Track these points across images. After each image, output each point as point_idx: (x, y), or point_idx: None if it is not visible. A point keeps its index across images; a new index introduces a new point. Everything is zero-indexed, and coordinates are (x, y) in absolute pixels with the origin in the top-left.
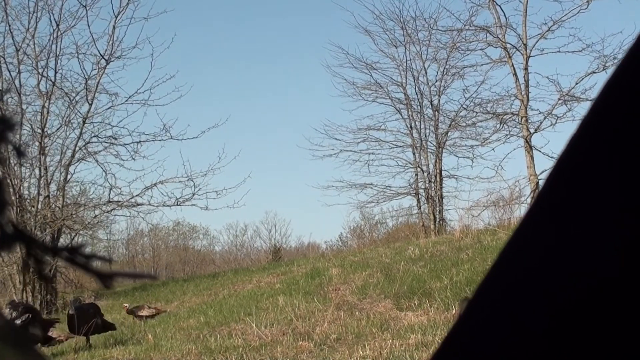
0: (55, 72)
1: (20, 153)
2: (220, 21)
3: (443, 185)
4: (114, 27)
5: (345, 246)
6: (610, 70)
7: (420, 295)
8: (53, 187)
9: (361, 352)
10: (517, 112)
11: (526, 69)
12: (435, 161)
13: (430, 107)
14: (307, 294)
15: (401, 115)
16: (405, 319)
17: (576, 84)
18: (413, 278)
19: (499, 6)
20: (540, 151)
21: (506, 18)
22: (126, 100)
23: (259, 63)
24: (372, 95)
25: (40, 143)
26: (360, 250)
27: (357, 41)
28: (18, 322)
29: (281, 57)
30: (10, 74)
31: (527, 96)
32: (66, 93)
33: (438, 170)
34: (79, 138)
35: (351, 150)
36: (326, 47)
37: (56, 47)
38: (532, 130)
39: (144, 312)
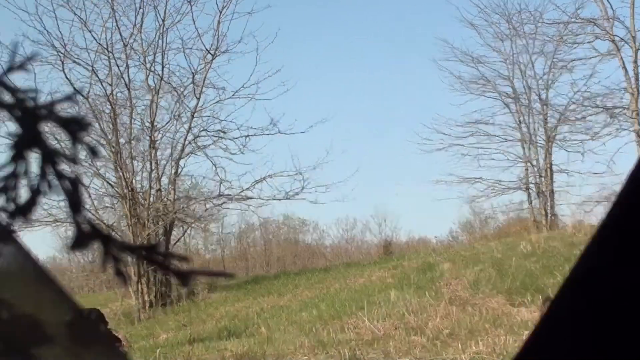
0: (163, 67)
1: (93, 152)
2: (325, 15)
3: (554, 180)
4: (218, 22)
5: (455, 241)
6: None
7: (533, 292)
8: (164, 180)
9: (474, 348)
10: (627, 106)
11: (635, 62)
12: (545, 156)
13: (538, 101)
14: (418, 288)
15: (509, 109)
16: (518, 315)
17: None
18: (525, 274)
19: None
20: None
21: (613, 10)
22: (233, 95)
23: (365, 57)
24: (479, 89)
25: (150, 137)
26: (471, 245)
27: (463, 35)
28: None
29: (388, 51)
30: (119, 69)
31: (638, 90)
32: (174, 87)
33: (548, 165)
34: (188, 132)
35: (460, 144)
36: (433, 41)
37: (162, 42)
38: None
39: None
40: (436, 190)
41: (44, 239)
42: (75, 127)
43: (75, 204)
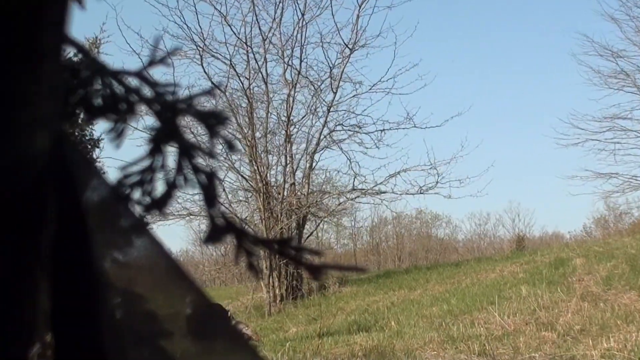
0: (301, 61)
1: (231, 147)
2: (463, 9)
3: None
4: (357, 16)
5: (589, 236)
6: None
7: None
8: (299, 174)
9: (605, 345)
10: None
11: None
12: None
13: None
14: (550, 283)
15: None
16: None
17: None
18: None
19: None
20: None
21: None
22: (370, 89)
23: (501, 51)
24: (618, 83)
25: (286, 131)
26: (605, 240)
27: (603, 29)
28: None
29: (525, 46)
30: (257, 63)
31: None
32: (311, 82)
33: None
34: (324, 126)
35: (596, 140)
36: (571, 36)
37: (301, 36)
38: None
39: (242, 331)
40: (571, 186)
41: (177, 232)
42: (213, 121)
43: (210, 198)
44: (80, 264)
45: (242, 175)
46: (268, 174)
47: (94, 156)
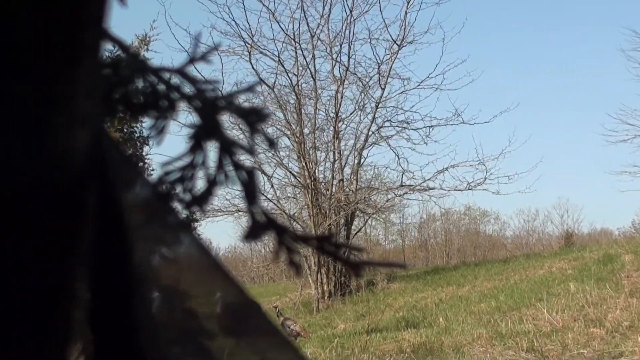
0: (349, 58)
1: (271, 143)
2: (511, 5)
3: None
4: (405, 13)
5: (638, 233)
6: None
7: None
8: (347, 170)
9: None
10: None
11: None
12: None
13: None
14: (599, 280)
15: None
16: None
17: None
18: None
19: None
20: None
21: None
22: (418, 85)
23: (550, 48)
24: None
25: (334, 127)
26: None
27: None
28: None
29: (573, 42)
30: (305, 60)
31: None
32: (359, 78)
33: None
34: (372, 122)
35: None
36: (620, 31)
37: (349, 32)
38: None
39: (291, 327)
40: (619, 182)
41: (225, 229)
42: (254, 118)
43: (250, 194)
44: (118, 262)
45: (290, 172)
46: (316, 171)
47: (143, 153)
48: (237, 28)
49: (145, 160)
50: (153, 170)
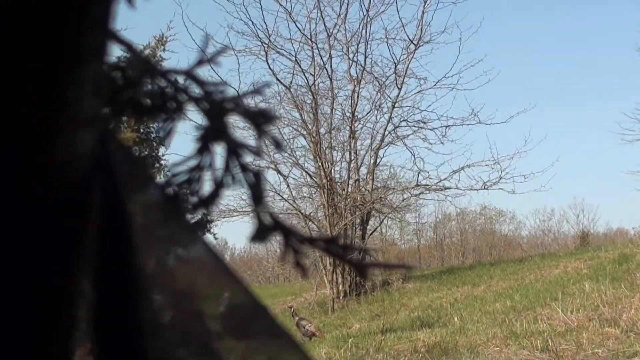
0: (365, 57)
1: (278, 145)
2: (528, 5)
3: None
4: (422, 12)
5: None
6: None
7: None
8: (363, 170)
9: None
10: None
11: None
12: None
13: None
14: (614, 279)
15: None
16: None
17: None
18: None
19: None
20: None
21: None
22: (435, 85)
23: (566, 47)
24: None
25: (350, 127)
26: None
27: None
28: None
29: (590, 42)
30: (322, 59)
31: None
32: (376, 78)
33: None
34: (388, 122)
35: None
36: (637, 30)
37: (366, 32)
38: None
39: (305, 327)
40: (636, 181)
41: (241, 229)
42: (261, 120)
43: (257, 196)
44: (122, 263)
45: (306, 172)
46: (332, 170)
47: (159, 154)
48: (254, 28)
49: (162, 161)
50: (168, 171)
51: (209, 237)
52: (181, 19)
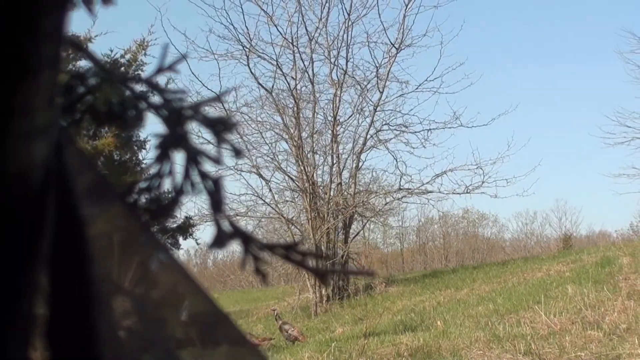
0: (347, 61)
1: (237, 152)
2: (508, 8)
3: None
4: (404, 16)
5: (636, 235)
6: None
7: None
8: (345, 174)
9: None
10: None
11: None
12: None
13: None
14: (596, 282)
15: None
16: None
17: None
18: None
19: None
20: None
21: None
22: (416, 88)
23: (547, 50)
24: None
25: (332, 131)
26: None
27: None
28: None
29: (570, 45)
30: (303, 63)
31: None
32: (357, 81)
33: None
34: (370, 126)
35: None
36: (618, 33)
37: (347, 36)
38: None
39: (288, 331)
40: (617, 184)
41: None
42: (220, 127)
43: (216, 203)
44: (76, 271)
45: (288, 176)
46: (315, 174)
47: (140, 158)
48: (235, 32)
49: (143, 165)
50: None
51: (178, 244)
52: (160, 23)
